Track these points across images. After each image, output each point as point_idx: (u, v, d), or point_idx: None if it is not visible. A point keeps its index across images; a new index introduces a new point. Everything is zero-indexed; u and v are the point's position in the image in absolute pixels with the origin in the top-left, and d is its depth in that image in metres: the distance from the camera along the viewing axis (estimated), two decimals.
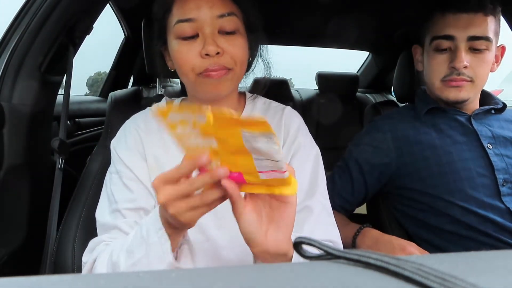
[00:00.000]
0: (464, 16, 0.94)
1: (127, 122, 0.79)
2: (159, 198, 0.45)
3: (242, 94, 0.84)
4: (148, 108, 0.82)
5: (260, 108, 0.81)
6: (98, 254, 0.63)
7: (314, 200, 0.71)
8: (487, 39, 0.94)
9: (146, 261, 0.53)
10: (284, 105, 0.84)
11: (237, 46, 0.69)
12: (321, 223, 0.70)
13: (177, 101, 0.83)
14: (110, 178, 0.72)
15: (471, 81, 0.95)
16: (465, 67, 0.94)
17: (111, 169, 0.74)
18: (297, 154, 0.75)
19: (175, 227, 0.51)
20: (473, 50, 0.95)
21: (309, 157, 0.76)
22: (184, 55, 0.68)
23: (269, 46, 0.82)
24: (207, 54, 0.66)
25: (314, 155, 0.77)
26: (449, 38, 0.95)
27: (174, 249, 0.53)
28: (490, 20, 0.95)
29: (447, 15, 0.96)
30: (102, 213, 0.70)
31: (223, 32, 0.68)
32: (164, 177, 0.45)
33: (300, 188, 0.71)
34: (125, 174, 0.71)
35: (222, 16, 0.67)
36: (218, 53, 0.66)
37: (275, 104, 0.83)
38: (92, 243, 0.67)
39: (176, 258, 0.54)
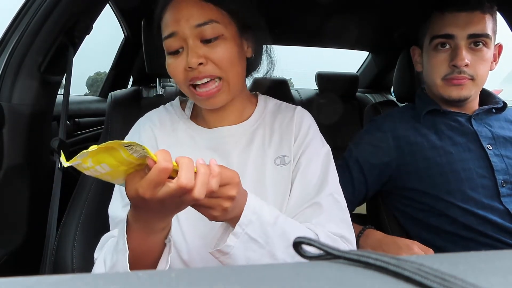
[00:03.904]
0: (462, 15, 0.95)
1: (141, 119, 0.81)
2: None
3: (254, 95, 0.85)
4: (162, 106, 0.84)
5: (272, 108, 0.82)
6: (106, 250, 0.64)
7: (322, 196, 0.71)
8: (486, 36, 0.95)
9: (115, 266, 0.56)
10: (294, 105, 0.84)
11: (220, 52, 0.68)
12: (333, 219, 0.69)
13: (189, 102, 0.83)
14: None
15: (472, 79, 0.96)
16: (466, 65, 0.94)
17: None
18: (306, 152, 0.75)
19: (147, 220, 0.54)
20: (473, 48, 0.95)
21: (318, 155, 0.76)
22: (173, 69, 0.70)
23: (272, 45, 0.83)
24: (190, 67, 0.67)
25: (324, 153, 0.77)
26: (449, 37, 0.96)
27: (156, 249, 0.57)
28: (488, 18, 0.96)
29: (446, 14, 0.97)
30: (114, 208, 0.71)
31: (205, 41, 0.68)
32: None
33: (309, 185, 0.72)
34: None
35: (200, 25, 0.67)
36: (201, 63, 0.67)
37: (285, 104, 0.85)
38: (103, 238, 0.68)
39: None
